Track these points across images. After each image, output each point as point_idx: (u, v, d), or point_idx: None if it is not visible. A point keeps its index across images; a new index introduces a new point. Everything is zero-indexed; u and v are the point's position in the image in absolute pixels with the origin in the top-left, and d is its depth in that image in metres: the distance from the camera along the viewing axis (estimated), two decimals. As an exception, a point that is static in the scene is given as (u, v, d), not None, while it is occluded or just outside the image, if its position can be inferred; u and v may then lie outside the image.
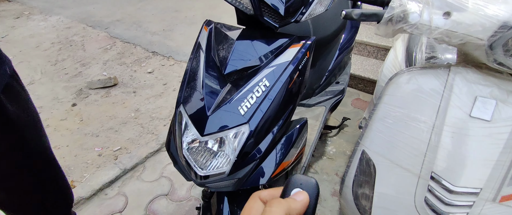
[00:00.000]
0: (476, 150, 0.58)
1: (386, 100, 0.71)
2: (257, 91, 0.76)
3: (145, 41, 2.97)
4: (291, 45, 0.83)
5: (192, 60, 0.87)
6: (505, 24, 0.51)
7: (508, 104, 0.57)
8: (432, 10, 0.58)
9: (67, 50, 2.90)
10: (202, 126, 0.76)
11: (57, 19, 3.52)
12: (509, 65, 0.53)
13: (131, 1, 3.93)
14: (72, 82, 2.44)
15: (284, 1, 0.74)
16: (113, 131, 1.94)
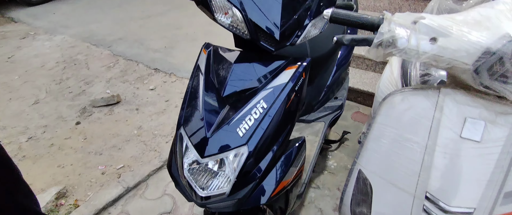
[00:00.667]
0: (468, 170, 0.60)
1: (380, 120, 0.73)
2: (255, 113, 0.79)
3: (147, 59, 3.03)
4: (287, 67, 0.86)
5: (192, 82, 0.90)
6: (488, 50, 0.53)
7: (497, 125, 0.59)
8: (419, 35, 0.60)
9: (71, 69, 2.96)
10: (202, 147, 0.78)
11: (61, 39, 3.60)
12: (495, 89, 0.55)
13: (133, 19, 4.02)
14: (76, 101, 2.48)
15: (279, 26, 0.77)
16: (116, 149, 1.97)
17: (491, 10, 0.57)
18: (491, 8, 0.58)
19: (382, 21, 0.66)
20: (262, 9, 0.76)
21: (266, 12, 0.76)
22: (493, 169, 0.58)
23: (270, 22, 0.76)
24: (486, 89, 0.57)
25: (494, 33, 0.54)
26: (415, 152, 0.65)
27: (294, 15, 0.79)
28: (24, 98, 2.55)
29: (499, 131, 0.59)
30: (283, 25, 0.77)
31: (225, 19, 0.78)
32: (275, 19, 0.76)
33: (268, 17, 0.76)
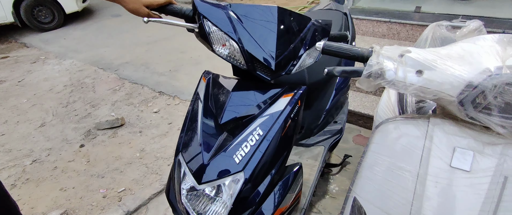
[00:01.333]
0: (459, 200, 0.60)
1: (373, 148, 0.74)
2: (251, 140, 0.81)
3: (152, 82, 3.10)
4: (283, 94, 0.89)
5: (191, 109, 0.93)
6: (470, 83, 0.56)
7: (485, 156, 0.60)
8: (405, 68, 0.63)
9: (78, 92, 3.04)
10: (199, 174, 0.80)
11: (70, 63, 3.72)
12: (480, 120, 0.57)
13: (139, 44, 4.15)
14: (82, 124, 2.53)
15: (274, 57, 0.80)
16: (118, 172, 1.98)
17: (473, 46, 0.60)
18: (473, 44, 0.61)
19: (371, 54, 0.69)
20: (258, 41, 0.80)
21: (261, 43, 0.80)
22: (484, 199, 0.59)
23: (265, 53, 0.80)
24: (472, 120, 0.59)
25: (475, 67, 0.56)
26: (407, 181, 0.66)
27: (289, 46, 0.83)
28: (31, 121, 2.61)
29: (488, 161, 0.60)
30: (278, 56, 0.81)
31: (223, 51, 0.82)
32: (271, 50, 0.80)
33: (263, 49, 0.80)
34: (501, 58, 0.55)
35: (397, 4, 3.02)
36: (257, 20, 0.81)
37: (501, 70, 0.53)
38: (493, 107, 0.55)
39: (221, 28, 0.79)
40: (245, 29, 0.80)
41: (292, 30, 0.84)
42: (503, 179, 0.59)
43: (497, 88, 0.53)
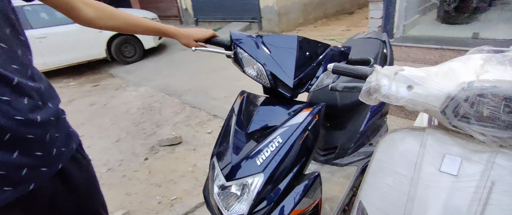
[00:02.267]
0: (447, 201, 0.66)
1: (378, 156, 0.83)
2: (271, 146, 0.95)
3: (209, 106, 3.45)
4: (303, 109, 1.02)
5: (227, 121, 1.12)
6: (449, 95, 0.64)
7: (472, 162, 0.65)
8: (398, 84, 0.73)
9: (148, 114, 3.53)
10: (228, 173, 0.96)
11: (144, 90, 4.35)
12: (461, 128, 0.64)
13: (200, 73, 4.66)
14: (148, 140, 2.93)
15: (292, 78, 0.96)
16: (172, 182, 2.25)
17: (458, 64, 0.69)
18: (458, 62, 0.69)
19: (372, 72, 0.80)
20: (280, 64, 0.98)
21: (283, 66, 0.97)
22: (470, 201, 0.63)
23: (285, 74, 0.97)
24: (455, 128, 0.66)
25: (454, 82, 0.65)
26: (403, 184, 0.73)
27: (307, 68, 0.98)
28: (109, 137, 3.12)
29: (474, 167, 0.65)
30: (296, 76, 0.96)
31: (252, 72, 1.01)
32: (290, 72, 0.96)
33: (284, 70, 0.97)
34: (477, 73, 0.63)
35: (453, 31, 2.93)
36: (280, 47, 0.99)
37: (473, 84, 0.61)
38: (471, 116, 0.62)
39: (250, 54, 0.99)
40: (269, 54, 0.98)
41: (309, 55, 1.00)
42: (491, 184, 0.63)
43: (470, 99, 0.60)
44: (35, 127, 0.69)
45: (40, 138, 0.71)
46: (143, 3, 10.23)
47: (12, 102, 0.64)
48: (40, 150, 0.71)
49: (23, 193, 0.70)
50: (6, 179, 0.66)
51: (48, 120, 0.72)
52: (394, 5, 2.69)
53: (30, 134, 0.68)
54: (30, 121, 0.67)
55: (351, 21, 6.98)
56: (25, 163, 0.68)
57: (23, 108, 0.66)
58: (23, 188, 0.70)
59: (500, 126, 0.60)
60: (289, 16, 6.47)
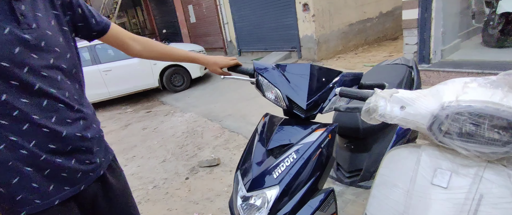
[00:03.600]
0: (437, 212, 0.71)
1: (381, 171, 0.90)
2: (287, 161, 1.07)
3: (246, 131, 3.63)
4: (317, 129, 1.13)
5: (251, 139, 1.26)
6: (432, 114, 0.72)
7: (460, 175, 0.71)
8: (393, 104, 0.82)
9: (191, 137, 3.82)
10: (248, 186, 1.09)
11: (189, 115, 4.72)
12: (446, 143, 0.71)
13: (241, 100, 4.93)
14: (189, 161, 3.18)
15: (305, 100, 1.09)
16: (209, 201, 2.41)
17: (444, 86, 0.76)
18: (445, 85, 0.77)
19: (372, 95, 0.91)
20: (295, 88, 1.12)
21: (297, 90, 1.11)
22: (459, 212, 0.68)
23: (299, 98, 1.10)
24: (442, 144, 0.72)
25: (438, 102, 0.73)
26: (400, 196, 0.80)
27: (319, 92, 1.11)
28: (157, 157, 3.44)
29: (463, 180, 0.70)
30: (309, 99, 1.09)
31: (271, 96, 1.16)
32: (303, 96, 1.10)
33: (298, 94, 1.11)
34: (457, 95, 0.70)
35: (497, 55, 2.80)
36: (295, 74, 1.14)
37: (452, 103, 0.69)
38: (452, 132, 0.69)
39: (269, 80, 1.15)
40: (286, 80, 1.13)
41: (321, 81, 1.12)
42: (479, 196, 0.68)
43: (450, 117, 0.68)
44: (87, 141, 0.91)
45: (90, 150, 0.92)
46: (193, 37, 11.21)
47: (73, 123, 0.87)
48: (89, 159, 0.92)
49: (76, 192, 0.90)
50: (66, 180, 0.87)
51: (94, 137, 0.94)
52: (429, 31, 2.68)
53: (83, 147, 0.90)
54: (84, 137, 0.89)
55: (394, 47, 6.87)
56: (79, 169, 0.89)
57: (80, 127, 0.89)
58: (77, 188, 0.90)
59: (481, 142, 0.66)
60: (328, 44, 6.60)
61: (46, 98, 0.80)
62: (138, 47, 1.14)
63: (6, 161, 0.77)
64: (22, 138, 0.78)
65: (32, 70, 0.77)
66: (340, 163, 1.73)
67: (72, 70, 0.89)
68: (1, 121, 0.75)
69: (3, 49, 0.72)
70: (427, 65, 2.82)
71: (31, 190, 0.81)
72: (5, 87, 0.73)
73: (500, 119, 0.64)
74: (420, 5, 2.63)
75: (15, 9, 0.74)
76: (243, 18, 8.28)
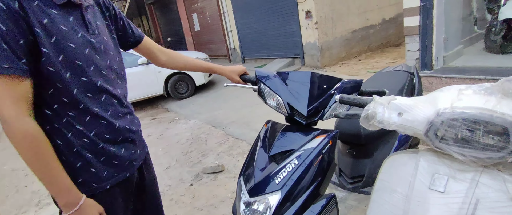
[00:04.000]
0: None
1: (381, 176, 0.92)
2: (288, 167, 1.09)
3: (250, 137, 3.65)
4: (318, 135, 1.15)
5: (253, 145, 1.29)
6: (429, 120, 0.74)
7: (457, 180, 0.72)
8: (390, 111, 0.85)
9: (195, 144, 3.85)
10: (251, 190, 1.11)
11: (193, 122, 4.76)
12: (443, 149, 0.73)
13: (245, 106, 4.96)
14: (194, 168, 3.20)
15: (306, 107, 1.11)
16: (213, 207, 2.43)
17: (440, 93, 0.79)
18: (441, 92, 0.79)
19: (370, 102, 0.93)
20: (295, 95, 1.14)
21: (298, 97, 1.14)
22: (456, 216, 0.70)
23: (300, 104, 1.13)
24: (438, 149, 0.74)
25: (434, 109, 0.75)
26: (399, 201, 0.82)
27: (319, 99, 1.13)
28: (161, 164, 3.47)
29: (459, 185, 0.72)
30: (309, 106, 1.12)
31: (273, 103, 1.19)
32: (304, 103, 1.12)
33: (299, 101, 1.13)
34: (452, 101, 0.72)
35: (501, 61, 2.81)
36: (296, 81, 1.17)
37: (447, 110, 0.71)
38: (448, 138, 0.71)
39: (271, 88, 1.17)
40: (287, 88, 1.16)
41: (321, 88, 1.15)
42: (476, 201, 0.70)
43: (445, 123, 0.70)
44: (133, 133, 1.05)
45: (134, 141, 1.07)
46: (197, 45, 11.34)
47: (123, 117, 1.02)
48: (134, 149, 1.06)
49: (122, 179, 1.01)
50: (117, 167, 0.99)
51: (137, 130, 1.10)
52: (431, 37, 2.70)
53: (130, 138, 1.04)
54: (131, 130, 1.04)
55: (397, 53, 6.88)
56: (127, 157, 1.02)
57: (128, 121, 1.04)
58: (124, 175, 1.02)
59: (476, 147, 0.68)
60: (331, 51, 6.63)
61: (104, 94, 0.94)
62: (164, 58, 1.29)
63: (72, 146, 0.89)
64: (85, 128, 0.90)
65: (96, 69, 0.91)
66: (343, 169, 1.74)
67: (121, 71, 1.05)
68: (70, 112, 0.87)
69: (79, 50, 0.86)
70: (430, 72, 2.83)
71: (90, 174, 0.92)
72: (77, 83, 0.86)
73: (494, 125, 0.66)
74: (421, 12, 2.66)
75: (85, 17, 0.90)
76: (247, 26, 8.37)
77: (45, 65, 0.80)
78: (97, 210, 0.91)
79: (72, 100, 0.86)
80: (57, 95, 0.84)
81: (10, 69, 0.74)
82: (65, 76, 0.83)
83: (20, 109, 0.77)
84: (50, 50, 0.80)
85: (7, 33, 0.73)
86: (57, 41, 0.81)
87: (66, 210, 0.86)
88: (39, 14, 0.78)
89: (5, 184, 3.76)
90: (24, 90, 0.78)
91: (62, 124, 0.87)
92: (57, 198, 0.86)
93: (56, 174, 0.83)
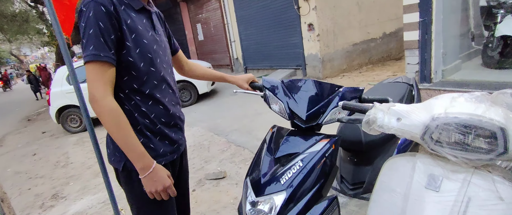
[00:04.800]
0: (430, 213, 0.79)
1: (381, 178, 0.98)
2: (293, 168, 1.15)
3: (252, 145, 3.71)
4: (321, 140, 1.22)
5: (259, 148, 1.35)
6: (424, 125, 0.81)
7: (451, 180, 0.79)
8: (390, 116, 0.92)
9: (198, 151, 3.91)
10: (257, 190, 1.17)
11: (196, 129, 4.82)
12: (437, 151, 0.79)
13: (247, 115, 5.03)
14: (196, 174, 3.25)
15: (305, 112, 1.19)
16: (215, 212, 2.47)
17: (435, 101, 0.86)
18: (436, 99, 0.86)
19: (372, 108, 1.00)
20: (297, 101, 1.22)
21: (298, 103, 1.22)
22: (449, 213, 0.76)
23: (300, 109, 1.20)
24: (433, 152, 0.81)
25: (429, 114, 0.82)
26: (397, 200, 0.88)
27: (318, 104, 1.20)
28: (164, 170, 3.51)
29: (452, 184, 0.78)
30: (308, 111, 1.19)
31: (276, 107, 1.27)
32: (303, 108, 1.20)
33: (299, 106, 1.21)
34: (445, 108, 0.80)
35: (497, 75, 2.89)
36: (298, 88, 1.25)
37: (441, 115, 0.78)
38: (443, 141, 0.78)
39: (274, 94, 1.25)
40: (289, 94, 1.24)
41: (321, 94, 1.22)
42: (467, 199, 0.76)
43: (439, 127, 0.77)
44: (181, 120, 1.25)
45: (181, 128, 1.26)
46: (200, 55, 11.50)
47: (176, 106, 1.21)
48: (181, 135, 1.25)
49: (172, 159, 1.19)
50: (169, 147, 1.17)
51: (183, 118, 1.28)
52: (430, 52, 2.79)
53: (179, 124, 1.23)
54: (181, 117, 1.25)
55: (398, 66, 6.99)
56: (177, 141, 1.20)
57: (178, 109, 1.23)
58: (173, 155, 1.20)
59: (468, 149, 0.75)
60: (333, 63, 6.75)
61: (164, 83, 1.14)
62: (187, 68, 1.49)
63: (137, 125, 1.07)
64: (148, 110, 1.08)
65: (160, 62, 1.11)
66: (344, 176, 1.79)
67: (172, 68, 1.26)
68: (137, 97, 1.06)
69: (150, 45, 1.07)
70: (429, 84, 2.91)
71: (150, 149, 1.08)
72: (148, 72, 1.06)
73: (483, 129, 0.73)
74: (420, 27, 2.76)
75: (153, 20, 1.13)
76: (250, 37, 8.52)
77: (126, 56, 1.00)
78: (166, 173, 1.08)
79: (141, 87, 1.06)
80: (129, 82, 1.04)
81: (105, 57, 0.94)
82: (139, 65, 1.03)
83: (107, 90, 0.96)
84: (131, 44, 1.00)
85: (105, 29, 0.94)
86: (136, 38, 1.02)
87: (143, 172, 1.02)
88: (125, 16, 1.00)
89: (8, 187, 3.79)
90: (111, 75, 0.98)
91: (131, 105, 1.06)
92: (135, 162, 1.01)
93: (134, 142, 1.00)
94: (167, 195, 1.10)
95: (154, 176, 1.04)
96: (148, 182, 1.04)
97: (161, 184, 1.05)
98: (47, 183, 3.72)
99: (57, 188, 3.51)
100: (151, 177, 1.03)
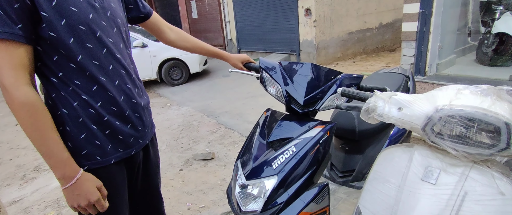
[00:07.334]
0: (424, 205, 0.77)
1: (375, 167, 0.96)
2: (286, 153, 1.12)
3: (242, 128, 3.68)
4: (316, 126, 1.19)
5: (252, 132, 1.32)
6: (427, 116, 0.78)
7: (448, 173, 0.77)
8: (391, 106, 0.89)
9: (187, 131, 3.86)
10: (248, 174, 1.14)
11: (186, 109, 4.75)
12: (438, 143, 0.77)
13: (239, 98, 4.98)
14: (184, 154, 3.21)
15: (303, 97, 1.15)
16: (202, 193, 2.46)
17: (439, 92, 0.83)
18: (440, 91, 0.83)
19: (372, 96, 0.97)
20: (294, 85, 1.18)
21: (296, 87, 1.17)
22: (444, 206, 0.75)
23: (297, 93, 1.16)
24: (434, 144, 0.79)
25: (432, 106, 0.79)
26: (391, 190, 0.86)
27: (316, 90, 1.16)
28: (152, 148, 3.46)
29: (450, 177, 0.77)
30: (306, 96, 1.15)
31: (272, 90, 1.22)
32: (301, 92, 1.16)
33: (297, 91, 1.16)
34: (450, 99, 0.77)
35: (490, 72, 2.91)
36: (296, 71, 1.20)
37: (445, 107, 0.75)
38: (444, 133, 0.75)
39: (271, 76, 1.20)
40: (287, 77, 1.19)
41: (320, 79, 1.18)
42: (464, 193, 0.75)
43: (442, 119, 0.75)
44: (140, 108, 1.01)
45: (141, 117, 1.03)
46: (193, 33, 11.22)
47: (131, 90, 0.98)
48: (141, 126, 1.03)
49: (128, 156, 1.00)
50: (122, 143, 0.96)
51: (145, 106, 1.06)
52: (427, 44, 2.77)
53: (137, 113, 1.00)
54: (138, 104, 1.00)
55: (391, 58, 7.00)
56: (133, 134, 0.99)
57: (135, 94, 1.00)
58: (129, 151, 1.00)
59: (469, 143, 0.73)
60: (327, 50, 6.69)
61: (112, 63, 0.91)
62: (174, 36, 1.27)
63: (77, 117, 0.86)
64: (91, 98, 0.87)
65: (102, 35, 0.88)
66: (334, 163, 1.79)
67: (127, 41, 1.02)
68: (76, 81, 0.85)
69: (82, 14, 0.82)
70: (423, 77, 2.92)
71: (94, 147, 0.90)
72: (81, 49, 0.83)
73: (488, 123, 0.70)
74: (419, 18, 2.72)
75: None
76: (245, 18, 8.33)
77: (46, 31, 0.77)
78: (94, 184, 0.88)
79: (78, 68, 0.84)
80: (62, 62, 0.82)
81: (4, 33, 0.71)
82: (68, 41, 0.80)
83: (18, 77, 0.75)
84: (50, 15, 0.76)
85: None
86: (58, 5, 0.77)
87: (63, 183, 0.83)
88: None
89: (-12, 156, 3.68)
90: (21, 57, 0.75)
91: (68, 92, 0.85)
92: (53, 170, 0.83)
93: (53, 145, 0.80)
94: (95, 210, 0.90)
95: (77, 188, 0.84)
96: (68, 194, 0.84)
97: (85, 198, 0.85)
98: (30, 154, 3.62)
99: (39, 160, 3.42)
100: (72, 189, 0.84)
